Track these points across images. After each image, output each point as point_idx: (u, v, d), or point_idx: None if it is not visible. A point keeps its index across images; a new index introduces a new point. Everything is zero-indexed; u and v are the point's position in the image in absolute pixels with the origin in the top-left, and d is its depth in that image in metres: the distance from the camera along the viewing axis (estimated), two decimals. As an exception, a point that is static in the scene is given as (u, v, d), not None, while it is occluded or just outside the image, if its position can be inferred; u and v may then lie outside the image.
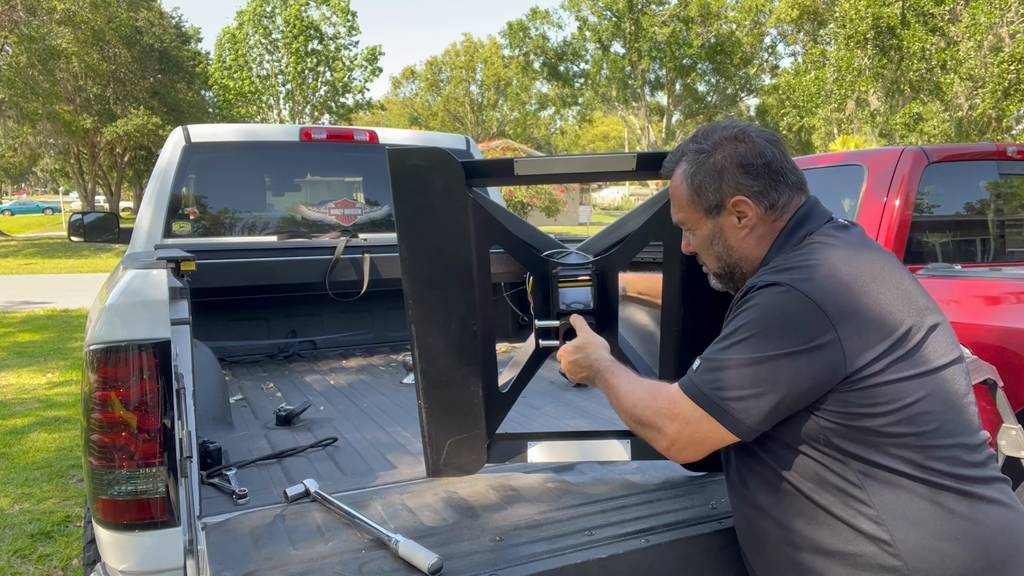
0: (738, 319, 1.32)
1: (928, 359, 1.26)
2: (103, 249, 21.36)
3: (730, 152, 1.43)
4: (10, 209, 46.36)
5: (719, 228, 1.46)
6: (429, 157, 1.68)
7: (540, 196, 23.77)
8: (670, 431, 1.36)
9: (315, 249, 3.52)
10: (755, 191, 1.41)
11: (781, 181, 1.42)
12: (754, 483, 1.39)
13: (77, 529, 3.64)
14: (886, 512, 1.23)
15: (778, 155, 1.43)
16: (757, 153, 1.42)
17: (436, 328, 1.75)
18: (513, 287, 3.93)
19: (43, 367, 7.49)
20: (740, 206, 1.42)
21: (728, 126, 1.47)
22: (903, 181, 3.51)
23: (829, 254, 1.32)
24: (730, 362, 1.29)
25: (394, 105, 52.52)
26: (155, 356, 1.57)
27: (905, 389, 1.23)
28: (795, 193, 1.44)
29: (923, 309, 1.30)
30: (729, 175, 1.42)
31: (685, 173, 1.48)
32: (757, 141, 1.43)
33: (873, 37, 19.00)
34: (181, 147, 3.62)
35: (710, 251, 1.51)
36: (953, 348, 1.32)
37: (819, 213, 1.44)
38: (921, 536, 1.21)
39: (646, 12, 37.78)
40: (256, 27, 34.56)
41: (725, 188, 1.42)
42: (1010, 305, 2.82)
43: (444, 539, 1.51)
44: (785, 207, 1.43)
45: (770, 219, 1.43)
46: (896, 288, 1.29)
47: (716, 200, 1.44)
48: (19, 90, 23.52)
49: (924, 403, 1.23)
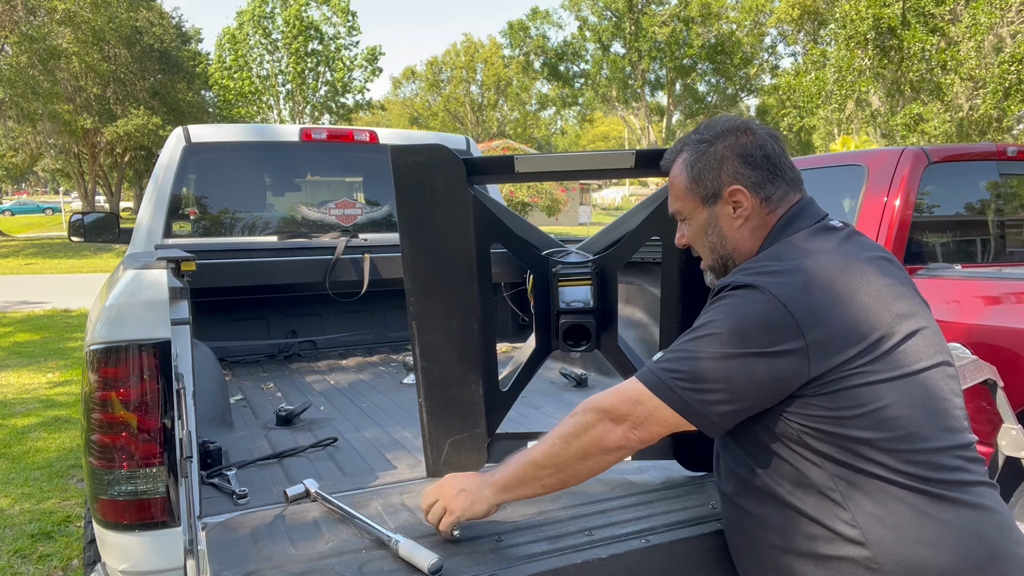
0: (708, 315, 1.33)
1: (901, 363, 1.25)
2: (103, 249, 21.36)
3: (731, 143, 1.44)
4: (10, 209, 46.33)
5: (714, 217, 1.47)
6: (431, 154, 1.69)
7: (541, 196, 23.77)
8: (632, 416, 1.31)
9: (315, 249, 3.52)
10: (753, 182, 1.42)
11: (779, 175, 1.43)
12: (737, 483, 1.40)
13: (77, 529, 3.64)
14: (861, 515, 1.23)
15: (778, 150, 1.45)
16: (758, 145, 1.43)
17: (437, 325, 1.76)
18: (513, 287, 3.93)
19: (43, 367, 7.49)
20: (736, 195, 1.43)
21: (731, 119, 1.49)
22: (903, 181, 3.51)
23: (809, 258, 1.32)
24: (691, 354, 1.29)
25: (394, 105, 52.51)
26: (155, 356, 1.57)
27: (873, 393, 1.23)
28: (791, 189, 1.45)
29: (901, 315, 1.29)
30: (729, 164, 1.43)
31: (685, 162, 1.49)
32: (759, 133, 1.45)
33: (874, 38, 19.00)
34: (181, 147, 3.62)
35: (704, 241, 1.51)
36: (935, 353, 1.31)
37: (810, 213, 1.44)
38: (896, 539, 1.21)
39: (646, 12, 37.79)
40: (256, 27, 34.55)
41: (724, 177, 1.43)
42: (1010, 305, 2.82)
43: (444, 539, 1.51)
44: (780, 201, 1.43)
45: (764, 211, 1.43)
46: (873, 294, 1.29)
47: (714, 188, 1.45)
48: (19, 90, 23.52)
49: (895, 407, 1.23)
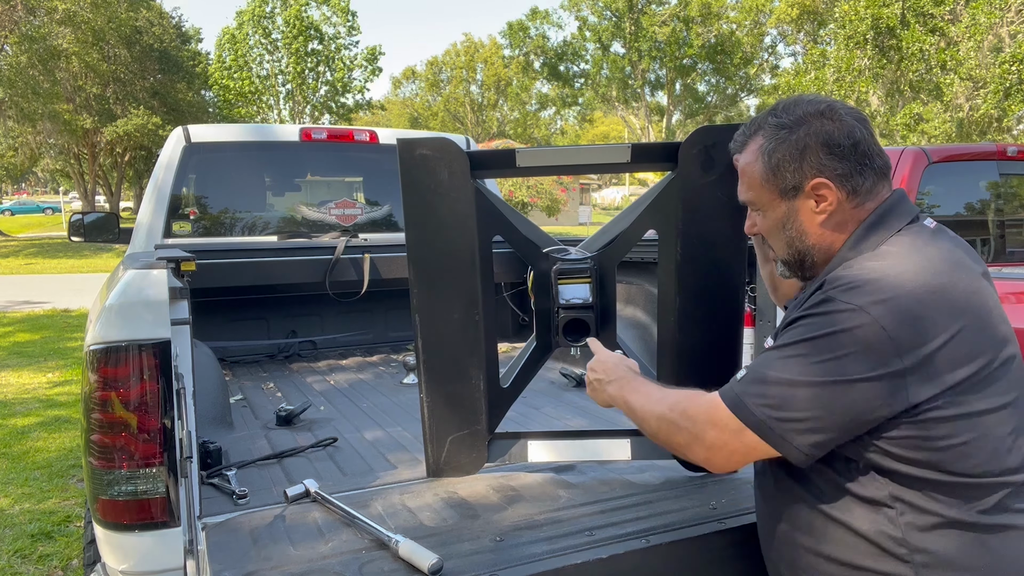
0: (797, 331, 1.21)
1: (999, 392, 1.17)
2: (103, 249, 21.34)
3: (816, 129, 1.28)
4: (10, 209, 46.31)
5: (794, 211, 1.33)
6: (436, 147, 1.73)
7: (541, 196, 23.75)
8: (708, 438, 1.26)
9: (315, 249, 3.52)
10: (839, 174, 1.28)
11: (867, 165, 1.29)
12: (779, 484, 1.33)
13: (77, 529, 3.64)
14: (912, 535, 1.17)
15: (867, 136, 1.29)
16: (846, 133, 1.28)
17: (440, 317, 1.78)
18: (513, 287, 3.93)
19: (43, 367, 7.49)
20: (820, 189, 1.29)
21: (814, 100, 1.33)
22: (903, 181, 3.51)
23: (910, 269, 1.19)
24: (781, 379, 1.19)
25: (394, 105, 52.47)
26: (155, 356, 1.57)
27: (969, 426, 1.15)
28: (880, 179, 1.31)
29: (1004, 339, 1.20)
30: (812, 154, 1.28)
31: (762, 149, 1.33)
32: (846, 119, 1.29)
33: (873, 38, 19.01)
34: (181, 147, 3.62)
35: (781, 235, 1.37)
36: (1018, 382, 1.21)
37: (903, 210, 1.30)
38: (942, 564, 1.16)
39: (646, 12, 37.77)
40: (256, 27, 34.53)
41: (806, 168, 1.29)
42: (1010, 305, 2.82)
43: (444, 539, 1.51)
44: (868, 193, 1.29)
45: (851, 205, 1.29)
46: (979, 313, 1.19)
47: (795, 181, 1.30)
48: (19, 90, 23.51)
49: (977, 440, 1.16)
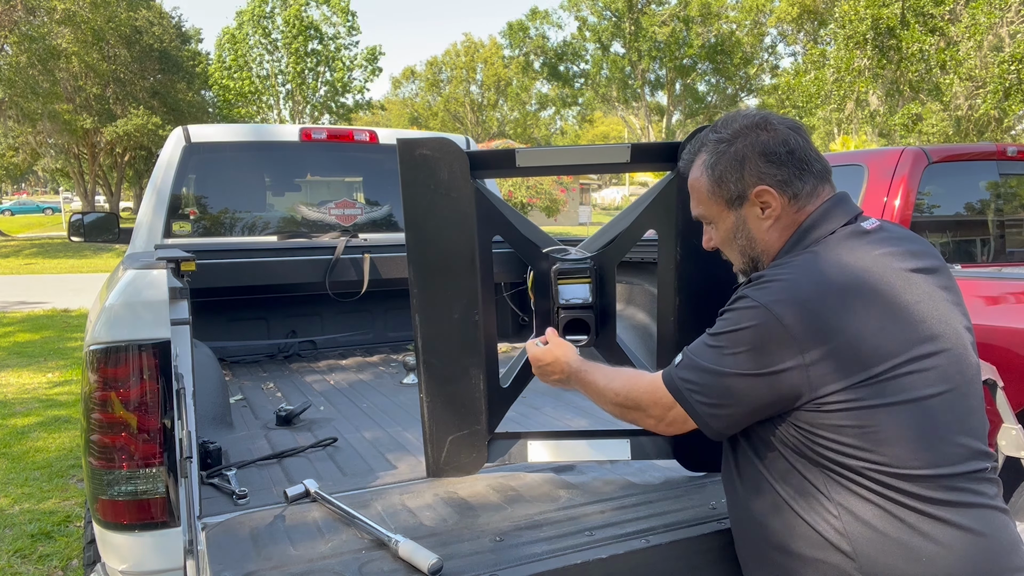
0: (719, 324, 1.33)
1: (905, 389, 1.20)
2: (103, 249, 21.36)
3: (752, 140, 1.36)
4: (10, 209, 46.30)
5: (742, 220, 1.40)
6: (436, 147, 1.73)
7: (540, 196, 23.75)
8: (655, 413, 1.45)
9: (315, 249, 3.52)
10: (779, 180, 1.35)
11: (805, 170, 1.36)
12: (741, 478, 1.41)
13: (77, 529, 3.64)
14: (851, 524, 1.21)
15: (801, 143, 1.37)
16: (780, 141, 1.36)
17: (440, 317, 1.78)
18: (513, 287, 3.93)
19: (43, 367, 7.48)
20: (764, 196, 1.36)
21: (748, 114, 1.41)
22: (903, 181, 3.51)
23: (824, 267, 1.26)
24: (702, 366, 1.33)
25: (394, 105, 52.47)
26: (155, 356, 1.57)
27: (870, 416, 1.19)
28: (820, 183, 1.38)
29: (921, 339, 1.22)
30: (751, 163, 1.36)
31: (705, 164, 1.42)
32: (780, 128, 1.37)
33: (872, 38, 19.02)
34: (181, 147, 3.62)
35: (733, 246, 1.45)
36: (951, 377, 1.24)
37: (840, 212, 1.36)
38: (882, 553, 1.19)
39: (646, 12, 37.78)
40: (256, 27, 34.54)
41: (748, 177, 1.36)
42: (1010, 305, 2.81)
43: (444, 539, 1.51)
44: (809, 196, 1.37)
45: (793, 209, 1.37)
46: (896, 312, 1.22)
47: (739, 190, 1.38)
48: (19, 90, 23.53)
49: (888, 432, 1.19)
